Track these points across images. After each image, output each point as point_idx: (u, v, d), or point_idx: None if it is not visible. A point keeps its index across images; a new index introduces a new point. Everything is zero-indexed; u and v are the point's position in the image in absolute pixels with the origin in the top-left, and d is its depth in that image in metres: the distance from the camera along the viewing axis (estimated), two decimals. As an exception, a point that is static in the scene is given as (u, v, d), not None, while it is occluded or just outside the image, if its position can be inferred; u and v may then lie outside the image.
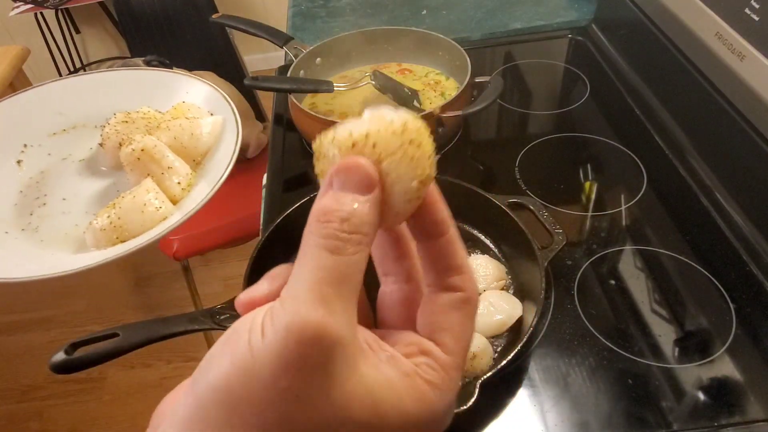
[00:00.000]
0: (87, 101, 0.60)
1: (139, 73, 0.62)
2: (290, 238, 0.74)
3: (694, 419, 0.56)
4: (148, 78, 0.62)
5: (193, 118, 0.55)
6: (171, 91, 0.60)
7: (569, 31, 1.16)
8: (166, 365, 1.81)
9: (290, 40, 1.05)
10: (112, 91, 0.61)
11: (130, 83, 0.62)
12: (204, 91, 0.58)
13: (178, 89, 0.60)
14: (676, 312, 0.65)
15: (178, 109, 0.57)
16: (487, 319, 0.63)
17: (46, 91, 0.62)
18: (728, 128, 0.74)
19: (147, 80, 0.62)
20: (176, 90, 0.60)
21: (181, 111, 0.56)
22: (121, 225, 0.47)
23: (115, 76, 0.64)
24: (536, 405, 0.58)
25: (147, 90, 0.61)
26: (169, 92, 0.60)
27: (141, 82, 0.62)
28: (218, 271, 2.05)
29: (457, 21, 1.22)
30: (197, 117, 0.55)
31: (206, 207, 0.54)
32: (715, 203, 0.76)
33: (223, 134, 0.55)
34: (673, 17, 0.85)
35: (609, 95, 0.99)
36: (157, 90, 0.61)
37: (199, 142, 0.54)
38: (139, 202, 0.47)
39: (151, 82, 0.61)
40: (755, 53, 0.67)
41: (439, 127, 0.86)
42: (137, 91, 0.61)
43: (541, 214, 0.69)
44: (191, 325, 0.60)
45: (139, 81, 0.62)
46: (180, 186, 0.52)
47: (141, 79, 0.62)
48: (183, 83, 0.60)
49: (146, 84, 0.61)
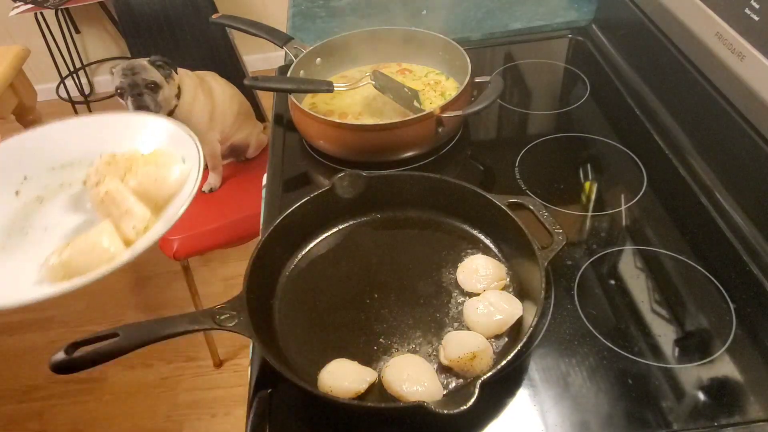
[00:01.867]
0: (84, 140, 0.65)
1: (128, 118, 0.68)
2: (290, 238, 0.74)
3: (694, 419, 0.56)
4: (135, 121, 0.66)
5: (163, 165, 0.58)
6: (153, 132, 0.64)
7: (569, 31, 1.16)
8: (166, 365, 1.81)
9: (290, 40, 1.05)
10: (106, 131, 0.66)
11: (121, 125, 0.67)
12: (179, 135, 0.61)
13: (158, 132, 0.64)
14: (676, 312, 0.65)
15: (154, 155, 0.60)
16: (487, 319, 0.63)
17: (49, 129, 0.68)
18: (728, 128, 0.74)
19: (135, 123, 0.66)
20: (156, 133, 0.64)
21: (156, 157, 0.59)
22: (69, 263, 0.50)
23: (110, 119, 0.69)
24: (536, 405, 0.58)
25: (133, 132, 0.65)
26: (152, 134, 0.64)
27: (130, 125, 0.67)
28: (218, 271, 2.05)
29: (457, 21, 1.22)
30: (168, 164, 0.58)
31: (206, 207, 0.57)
32: (715, 203, 0.76)
33: (188, 179, 0.59)
34: (673, 17, 0.85)
35: (609, 95, 0.99)
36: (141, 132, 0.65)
37: (163, 188, 0.57)
38: (90, 243, 0.50)
39: (139, 124, 0.66)
40: (755, 53, 0.67)
41: (439, 127, 0.86)
42: (125, 133, 0.65)
43: (541, 214, 0.69)
44: (191, 325, 0.60)
45: (128, 124, 0.67)
46: (135, 230, 0.54)
47: (130, 123, 0.67)
48: (161, 127, 0.64)
49: (133, 126, 0.66)
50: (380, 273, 0.73)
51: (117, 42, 2.96)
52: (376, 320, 0.67)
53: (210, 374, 1.78)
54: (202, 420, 1.67)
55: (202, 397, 1.72)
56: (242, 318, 0.61)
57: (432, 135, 0.87)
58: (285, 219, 0.72)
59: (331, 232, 0.78)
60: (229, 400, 1.71)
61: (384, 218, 0.79)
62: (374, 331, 0.66)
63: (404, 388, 0.57)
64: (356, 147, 0.88)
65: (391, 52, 1.07)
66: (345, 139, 0.88)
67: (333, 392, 0.58)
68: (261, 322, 0.64)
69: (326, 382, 0.59)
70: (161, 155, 0.60)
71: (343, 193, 0.77)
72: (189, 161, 0.59)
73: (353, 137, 0.88)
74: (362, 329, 0.66)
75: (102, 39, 2.98)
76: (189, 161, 0.59)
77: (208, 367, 1.79)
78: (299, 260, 0.75)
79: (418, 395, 0.56)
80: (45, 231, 0.57)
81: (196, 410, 1.70)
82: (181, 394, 1.74)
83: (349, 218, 0.79)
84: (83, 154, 0.64)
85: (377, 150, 0.88)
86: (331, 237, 0.78)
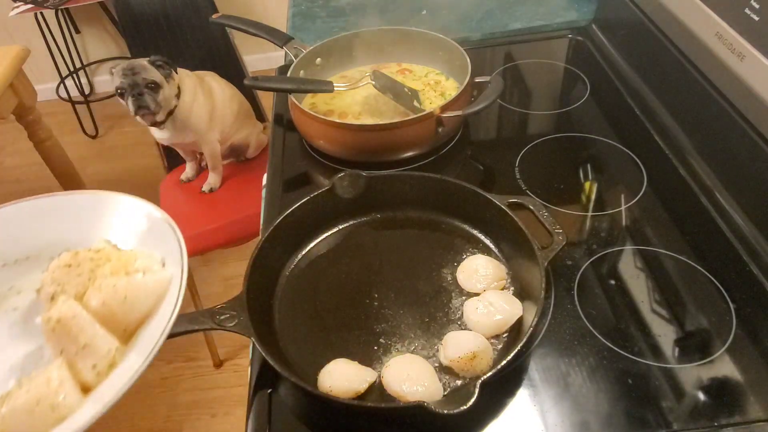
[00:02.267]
0: (46, 227, 0.50)
1: (99, 198, 0.52)
2: (290, 238, 0.74)
3: (694, 419, 0.56)
4: (107, 203, 0.51)
5: (136, 274, 0.45)
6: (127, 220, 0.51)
7: (569, 31, 1.16)
8: (166, 365, 1.81)
9: (290, 40, 1.05)
10: (71, 215, 0.51)
11: (89, 208, 0.52)
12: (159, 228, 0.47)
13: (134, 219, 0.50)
14: (676, 312, 0.65)
15: (124, 259, 0.47)
16: (487, 319, 0.63)
17: (5, 211, 0.53)
18: (728, 128, 0.74)
19: (106, 206, 0.51)
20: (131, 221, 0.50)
21: (126, 262, 0.46)
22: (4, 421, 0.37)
23: (77, 199, 0.54)
24: (536, 405, 0.58)
25: (103, 217, 0.51)
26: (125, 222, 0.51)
27: (99, 207, 0.52)
28: (218, 271, 2.05)
29: (457, 21, 1.22)
30: (144, 271, 0.45)
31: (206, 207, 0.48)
32: (715, 203, 0.76)
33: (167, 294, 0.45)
34: (673, 17, 0.85)
35: (609, 95, 0.99)
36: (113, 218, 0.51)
37: (135, 307, 0.44)
38: (33, 398, 0.37)
39: (110, 207, 0.51)
40: (755, 53, 0.67)
41: (439, 127, 0.86)
42: (93, 219, 0.51)
43: (541, 214, 0.69)
44: (191, 325, 0.60)
45: (97, 206, 0.52)
46: (95, 370, 0.40)
47: (99, 204, 0.52)
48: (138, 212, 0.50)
49: (104, 210, 0.51)
50: (380, 273, 0.73)
51: (117, 42, 2.96)
52: (376, 320, 0.67)
53: (210, 374, 1.78)
54: (201, 420, 1.67)
55: (201, 397, 1.72)
56: (242, 318, 0.61)
57: (432, 135, 0.87)
58: (285, 219, 0.72)
59: (331, 232, 0.78)
60: (229, 400, 1.71)
61: (384, 218, 0.79)
62: (374, 331, 0.66)
63: (404, 388, 0.57)
64: (356, 147, 0.88)
65: (391, 52, 1.07)
66: (345, 139, 0.88)
67: (333, 392, 0.58)
68: (261, 322, 0.64)
69: (326, 382, 0.59)
70: (134, 258, 0.47)
71: (343, 193, 0.77)
72: (170, 264, 0.45)
73: (353, 137, 0.88)
74: (362, 329, 0.66)
75: (102, 39, 2.98)
76: (170, 264, 0.45)
77: (208, 367, 1.79)
78: (299, 260, 0.75)
79: (418, 395, 0.56)
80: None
81: (195, 410, 1.70)
82: (181, 394, 1.74)
83: (349, 218, 0.79)
84: (43, 245, 0.49)
85: (377, 150, 0.88)
86: (331, 237, 0.78)
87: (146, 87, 1.30)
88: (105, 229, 0.51)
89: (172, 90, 1.37)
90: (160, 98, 1.33)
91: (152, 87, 1.31)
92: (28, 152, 2.02)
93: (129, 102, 1.31)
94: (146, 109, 1.32)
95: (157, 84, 1.32)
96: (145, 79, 1.30)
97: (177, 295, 0.44)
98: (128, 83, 1.29)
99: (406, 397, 0.57)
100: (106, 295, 0.43)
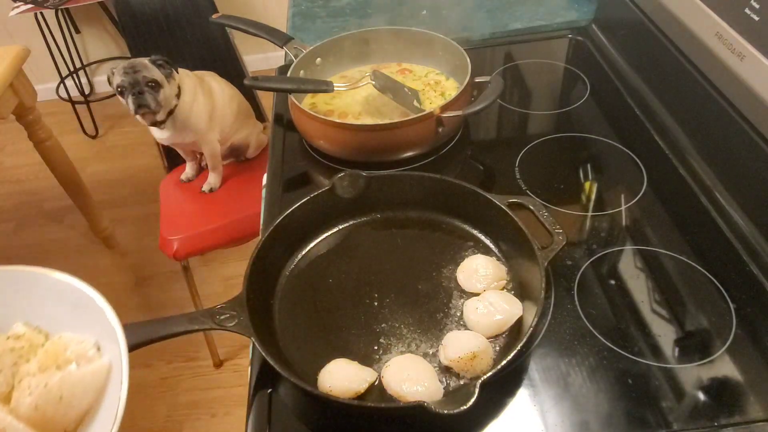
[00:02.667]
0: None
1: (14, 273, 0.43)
2: (290, 238, 0.74)
3: (694, 419, 0.56)
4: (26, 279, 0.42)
5: (67, 365, 0.39)
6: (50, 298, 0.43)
7: (569, 31, 1.16)
8: (166, 365, 1.81)
9: (290, 40, 1.05)
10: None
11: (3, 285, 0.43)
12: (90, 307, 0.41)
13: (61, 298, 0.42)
14: (676, 312, 0.65)
15: (55, 348, 0.40)
16: (487, 319, 0.63)
17: None
18: (728, 128, 0.74)
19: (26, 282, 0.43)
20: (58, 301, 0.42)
21: (56, 351, 0.39)
22: None
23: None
24: (536, 405, 0.58)
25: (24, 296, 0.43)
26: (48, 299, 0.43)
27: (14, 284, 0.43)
28: (218, 271, 2.05)
29: (457, 21, 1.22)
30: (78, 361, 0.39)
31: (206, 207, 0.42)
32: (715, 203, 0.76)
33: (107, 385, 0.39)
34: (673, 17, 0.85)
35: (609, 95, 0.99)
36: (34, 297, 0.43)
37: (72, 406, 0.38)
38: None
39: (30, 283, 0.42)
40: (755, 53, 0.67)
41: (439, 127, 0.86)
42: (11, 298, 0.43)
43: (541, 214, 0.69)
44: (191, 325, 0.60)
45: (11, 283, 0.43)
46: None
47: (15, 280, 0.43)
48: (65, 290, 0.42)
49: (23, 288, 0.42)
50: (380, 273, 0.73)
51: (117, 42, 2.96)
52: (376, 320, 0.67)
53: (210, 374, 1.78)
54: (201, 420, 1.67)
55: (201, 397, 1.72)
56: (242, 318, 0.61)
57: (432, 135, 0.87)
58: (285, 219, 0.72)
59: (331, 232, 0.78)
60: (229, 400, 1.71)
61: (384, 218, 0.79)
62: (374, 331, 0.66)
63: (404, 388, 0.57)
64: (356, 147, 0.88)
65: (391, 52, 1.07)
66: (345, 139, 0.88)
67: (333, 392, 0.58)
68: (261, 322, 0.64)
69: (326, 382, 0.59)
70: (63, 347, 0.40)
71: (343, 193, 0.77)
72: (107, 349, 0.39)
73: (353, 137, 0.88)
74: (362, 329, 0.66)
75: (102, 39, 2.98)
76: (107, 349, 0.39)
77: (208, 367, 1.79)
78: (299, 260, 0.75)
79: (418, 395, 0.56)
80: None
81: (195, 410, 1.70)
82: (181, 394, 1.74)
83: (349, 218, 0.79)
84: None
85: (377, 150, 0.88)
86: (331, 237, 0.78)
87: (147, 85, 1.30)
88: (24, 310, 0.43)
89: (172, 89, 1.37)
90: (161, 97, 1.33)
91: (153, 86, 1.31)
92: (28, 152, 2.02)
93: (129, 100, 1.30)
94: (146, 108, 1.31)
95: (158, 83, 1.32)
96: (146, 78, 1.30)
97: (120, 386, 0.38)
98: (129, 81, 1.29)
99: (406, 397, 0.57)
100: (38, 398, 0.37)
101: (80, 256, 2.20)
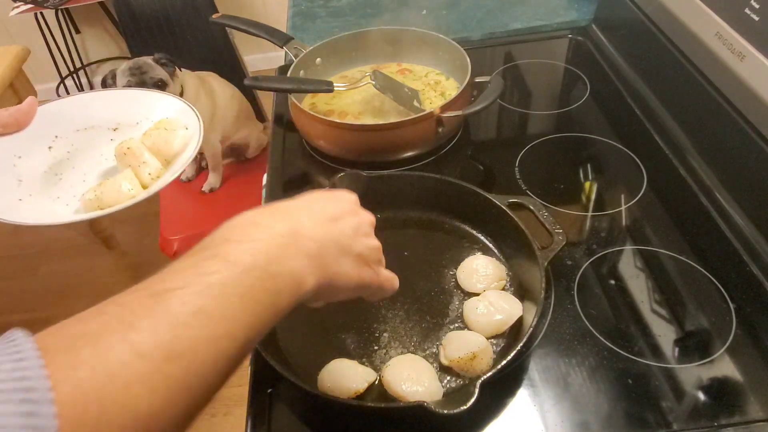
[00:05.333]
0: (106, 109, 0.79)
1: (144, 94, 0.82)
2: (290, 238, 0.74)
3: (694, 419, 0.56)
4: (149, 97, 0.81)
5: (170, 130, 0.72)
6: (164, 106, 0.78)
7: (569, 31, 1.16)
8: (166, 365, 1.81)
9: (290, 40, 1.05)
10: (125, 103, 0.80)
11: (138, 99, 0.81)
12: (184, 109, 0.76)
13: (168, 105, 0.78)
14: (676, 312, 0.65)
15: (164, 122, 0.73)
16: (487, 319, 0.63)
17: (76, 99, 0.83)
18: (728, 128, 0.74)
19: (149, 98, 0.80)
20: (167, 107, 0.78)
21: (164, 123, 0.73)
22: (101, 198, 0.64)
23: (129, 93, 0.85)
24: (536, 405, 0.58)
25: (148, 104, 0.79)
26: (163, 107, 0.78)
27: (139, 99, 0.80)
28: (218, 271, 2.04)
29: (457, 21, 1.22)
30: (173, 129, 0.72)
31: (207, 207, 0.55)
32: (715, 203, 0.76)
33: (190, 142, 0.72)
34: (673, 17, 0.85)
35: (609, 95, 0.99)
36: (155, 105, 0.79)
37: (170, 147, 0.70)
38: (117, 185, 0.65)
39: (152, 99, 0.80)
40: (755, 53, 0.67)
41: (439, 127, 0.86)
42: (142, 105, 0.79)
43: (541, 214, 0.69)
44: (191, 325, 0.60)
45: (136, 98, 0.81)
46: (150, 176, 0.68)
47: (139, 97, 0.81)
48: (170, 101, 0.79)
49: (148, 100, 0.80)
50: (380, 273, 0.72)
51: (117, 42, 2.96)
52: (376, 320, 0.67)
53: (210, 374, 1.78)
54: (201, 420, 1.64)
55: (202, 397, 1.72)
56: (242, 318, 0.61)
57: (432, 135, 0.87)
58: (285, 219, 0.72)
59: (331, 232, 0.78)
60: (229, 400, 1.70)
61: (384, 218, 0.79)
62: (374, 331, 0.66)
63: (404, 388, 0.57)
64: (356, 147, 0.88)
65: (391, 52, 1.07)
66: (345, 139, 0.88)
67: (333, 392, 0.58)
68: (261, 322, 0.64)
69: (326, 382, 0.59)
70: (169, 123, 0.73)
71: (343, 193, 0.76)
72: (191, 128, 0.73)
73: (353, 137, 0.88)
74: (362, 329, 0.66)
75: (102, 39, 2.98)
76: (191, 128, 0.73)
77: (208, 367, 1.79)
78: (299, 260, 0.75)
79: (418, 395, 0.56)
80: (75, 177, 0.71)
81: (196, 410, 1.69)
82: (181, 394, 1.73)
83: (349, 218, 0.79)
84: (104, 119, 0.78)
85: (377, 150, 0.88)
86: (331, 237, 0.78)
87: (154, 86, 1.30)
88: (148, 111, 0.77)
89: (175, 88, 1.37)
90: (164, 97, 1.33)
91: (159, 85, 1.31)
92: (28, 152, 2.02)
93: (134, 101, 1.31)
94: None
95: (164, 82, 1.32)
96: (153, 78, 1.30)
97: (196, 143, 0.71)
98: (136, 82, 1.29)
99: (406, 397, 0.57)
100: (154, 139, 0.70)
101: (80, 256, 2.20)
